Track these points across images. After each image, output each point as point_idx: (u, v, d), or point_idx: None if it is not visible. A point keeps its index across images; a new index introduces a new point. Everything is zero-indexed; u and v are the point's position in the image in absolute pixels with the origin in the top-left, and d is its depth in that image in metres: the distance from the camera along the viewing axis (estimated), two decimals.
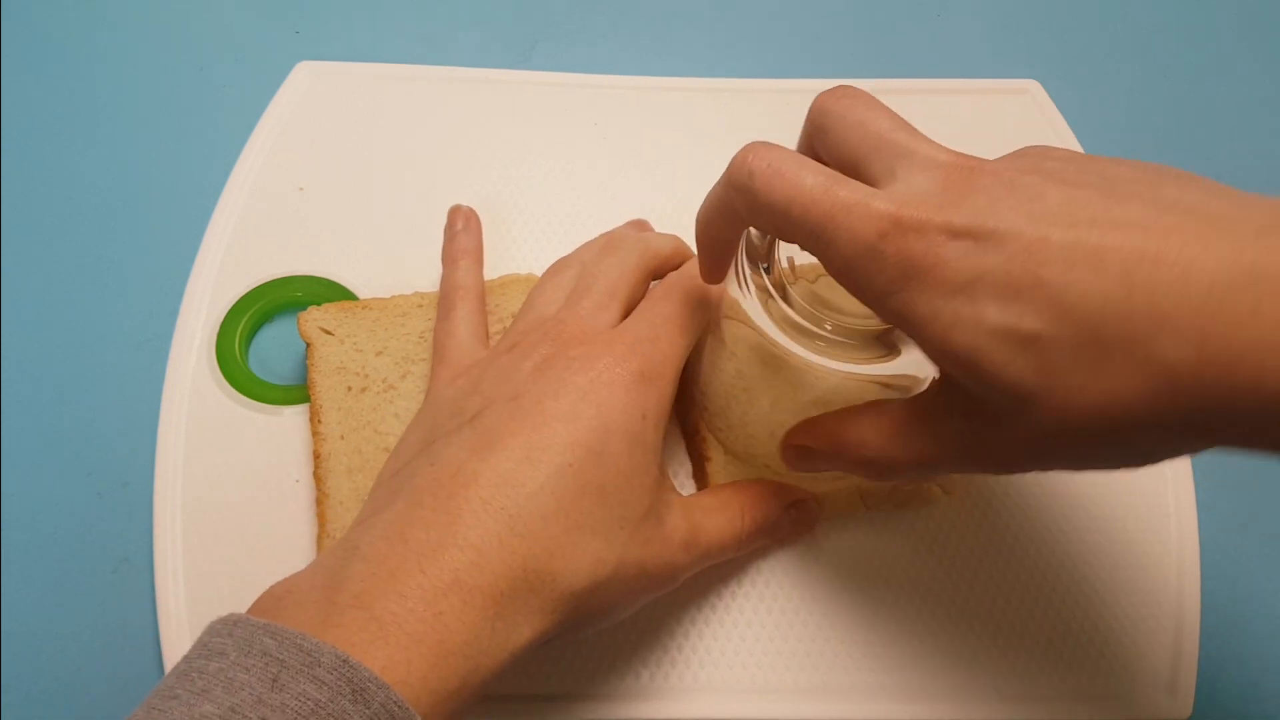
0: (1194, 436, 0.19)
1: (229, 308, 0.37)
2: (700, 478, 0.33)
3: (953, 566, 0.33)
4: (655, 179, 0.41)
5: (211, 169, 0.40)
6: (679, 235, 0.34)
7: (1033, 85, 0.46)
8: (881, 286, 0.21)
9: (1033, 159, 0.22)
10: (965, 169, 0.21)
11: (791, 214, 0.22)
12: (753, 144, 0.23)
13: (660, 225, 0.40)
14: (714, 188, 0.25)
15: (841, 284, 0.22)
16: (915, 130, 0.23)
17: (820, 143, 0.25)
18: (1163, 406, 0.18)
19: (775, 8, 0.49)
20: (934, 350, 0.21)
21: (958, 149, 0.23)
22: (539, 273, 0.38)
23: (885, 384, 0.25)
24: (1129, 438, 0.19)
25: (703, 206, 0.26)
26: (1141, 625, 0.32)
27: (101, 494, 0.34)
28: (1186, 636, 0.32)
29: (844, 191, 0.21)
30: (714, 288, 0.29)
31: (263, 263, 0.38)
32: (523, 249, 0.39)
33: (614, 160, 0.42)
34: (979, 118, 0.44)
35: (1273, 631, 0.33)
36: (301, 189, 0.40)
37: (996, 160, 0.22)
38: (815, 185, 0.22)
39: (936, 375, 0.25)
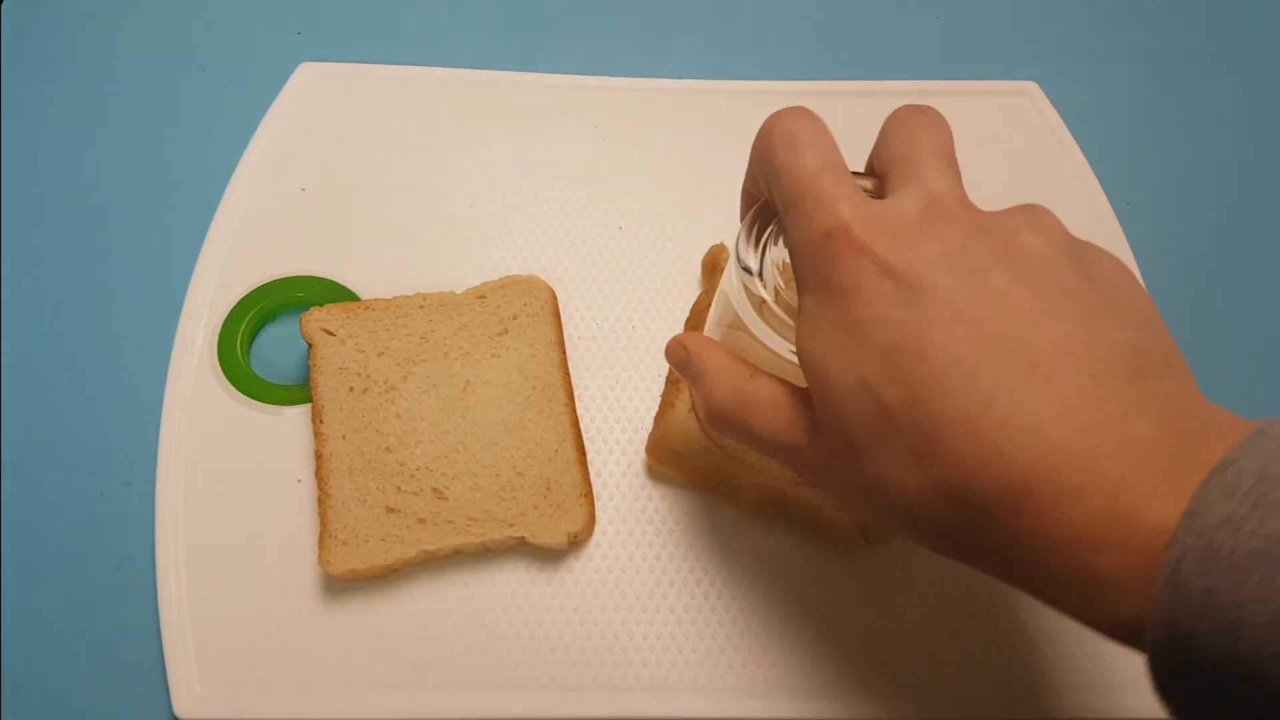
0: (1008, 569, 0.20)
1: (231, 308, 0.37)
2: (659, 421, 0.34)
3: (945, 563, 0.33)
4: (655, 180, 0.42)
5: (214, 169, 0.40)
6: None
7: (1031, 87, 0.46)
8: (808, 280, 0.22)
9: (1021, 226, 0.21)
10: (942, 210, 0.21)
11: (779, 181, 0.23)
12: (793, 107, 0.24)
13: (661, 227, 0.40)
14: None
15: (792, 263, 0.23)
16: (948, 157, 0.23)
17: (878, 150, 0.25)
18: (963, 529, 0.19)
19: (775, 10, 0.49)
20: (805, 360, 0.22)
21: (957, 150, 0.24)
22: (539, 273, 0.38)
23: None
24: (933, 533, 0.20)
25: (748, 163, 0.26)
26: None
27: (103, 493, 0.34)
28: None
29: (827, 181, 0.22)
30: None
31: (265, 263, 0.38)
32: (523, 249, 0.39)
33: (614, 161, 0.42)
34: (978, 119, 0.45)
35: None
36: (304, 189, 0.40)
37: (989, 214, 0.22)
38: (809, 165, 0.22)
39: None
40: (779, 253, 0.26)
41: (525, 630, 0.31)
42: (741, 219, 0.27)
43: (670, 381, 0.35)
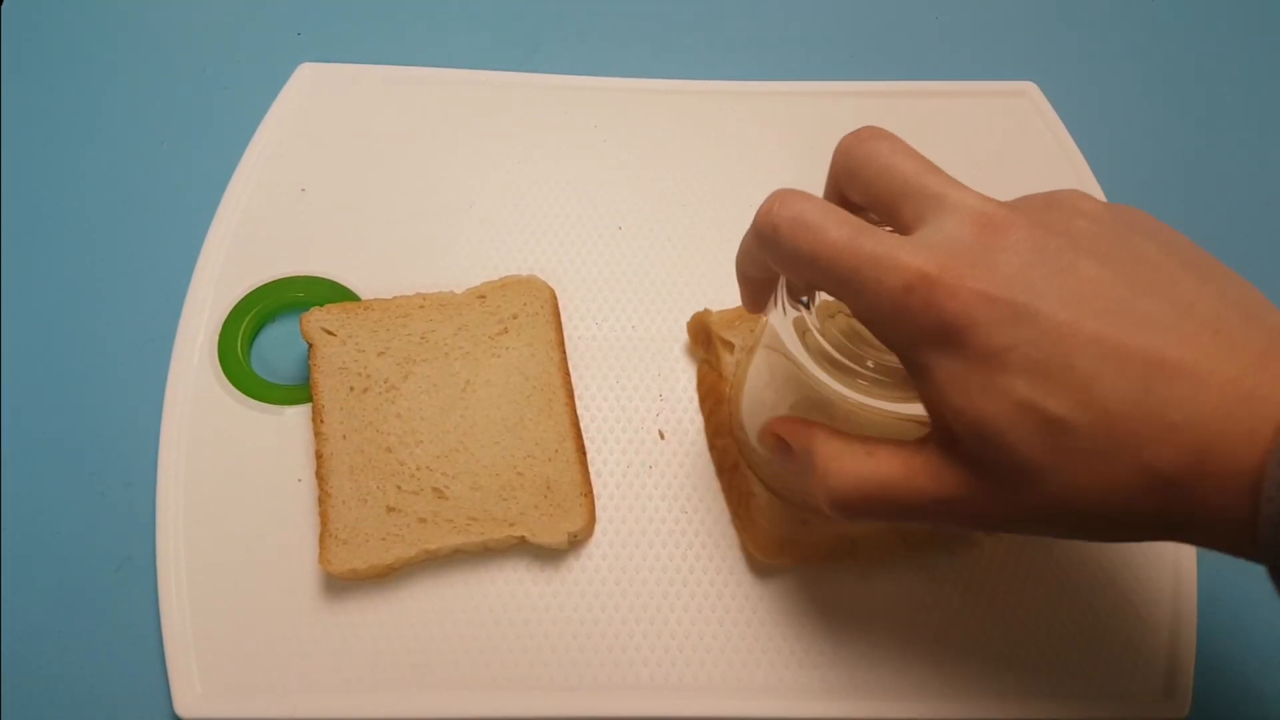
0: (1169, 531, 0.20)
1: (231, 308, 0.37)
2: (743, 516, 0.32)
3: (949, 568, 0.33)
4: (655, 181, 0.42)
5: (214, 170, 0.40)
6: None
7: (1030, 87, 0.46)
8: (909, 338, 0.21)
9: (1064, 214, 0.22)
10: (996, 222, 0.21)
11: (818, 266, 0.22)
12: (778, 193, 0.23)
13: (662, 228, 0.40)
14: (746, 233, 0.25)
15: (870, 331, 0.22)
16: (943, 173, 0.23)
17: (848, 186, 0.24)
18: (1153, 505, 0.20)
19: (775, 11, 0.49)
20: (949, 409, 0.21)
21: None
22: (539, 274, 0.38)
23: (923, 423, 0.24)
24: (1117, 523, 0.21)
25: (741, 248, 0.26)
26: (1139, 625, 0.32)
27: (104, 494, 0.34)
28: (1184, 637, 0.32)
29: (869, 243, 0.21)
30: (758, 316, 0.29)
31: (265, 263, 0.38)
32: (523, 249, 0.39)
33: (614, 162, 0.42)
34: (977, 119, 0.45)
35: (1270, 631, 0.33)
36: (304, 190, 0.40)
37: (1026, 210, 0.22)
38: (840, 238, 0.22)
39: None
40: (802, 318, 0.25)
41: (525, 630, 0.31)
42: (751, 301, 0.27)
43: (729, 469, 0.33)
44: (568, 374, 0.35)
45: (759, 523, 0.32)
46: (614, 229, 0.40)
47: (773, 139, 0.43)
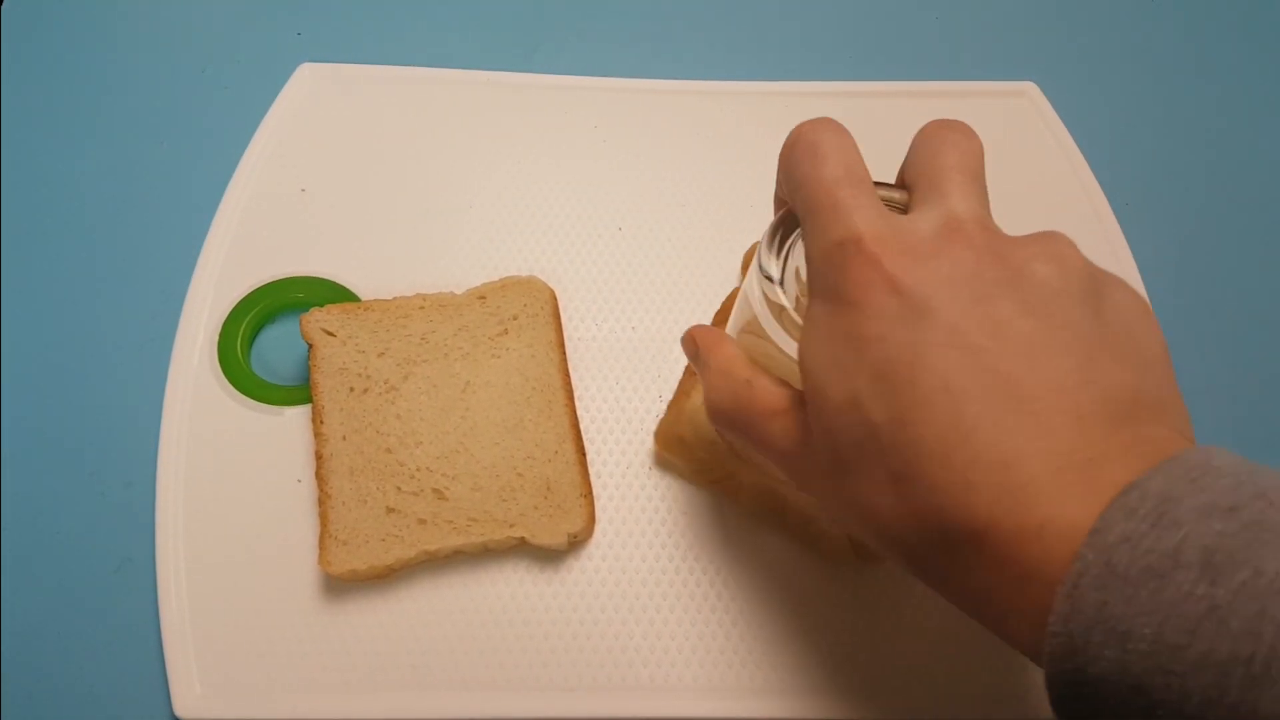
0: (964, 599, 0.20)
1: (231, 308, 0.37)
2: (673, 406, 0.34)
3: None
4: (655, 181, 0.42)
5: (214, 170, 0.40)
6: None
7: (1030, 87, 0.46)
8: (816, 287, 0.22)
9: (1038, 251, 0.21)
10: (959, 231, 0.21)
11: (798, 190, 0.23)
12: (818, 118, 0.24)
13: (662, 228, 0.40)
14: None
15: (808, 270, 0.23)
16: (974, 175, 0.23)
17: (907, 165, 0.25)
18: (942, 559, 0.19)
19: (775, 11, 0.49)
20: (805, 366, 0.22)
21: None
22: (539, 274, 0.38)
23: None
24: (916, 563, 0.21)
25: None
26: None
27: (104, 494, 0.34)
28: None
29: (845, 192, 0.22)
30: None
31: (265, 264, 0.38)
32: (523, 251, 0.39)
33: (614, 162, 0.42)
34: (977, 120, 0.44)
35: None
36: (304, 190, 0.40)
37: (996, 236, 0.22)
38: (829, 175, 0.22)
39: None
40: (801, 260, 0.25)
41: (525, 630, 0.31)
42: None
43: (688, 372, 0.35)
44: (568, 375, 0.35)
45: (674, 415, 0.34)
46: (614, 229, 0.40)
47: (773, 139, 0.43)
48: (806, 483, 0.23)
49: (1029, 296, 0.20)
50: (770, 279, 0.25)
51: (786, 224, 0.26)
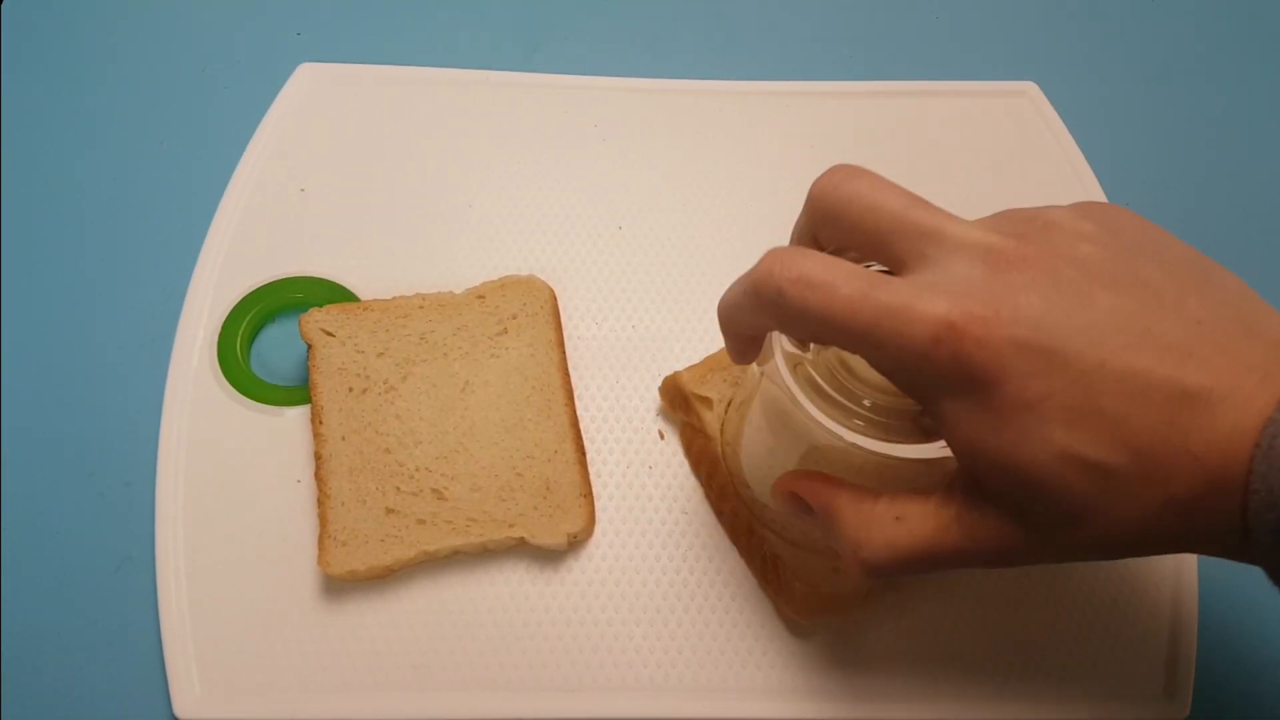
0: (1184, 547, 0.21)
1: (231, 308, 0.37)
2: (773, 580, 0.31)
3: (948, 572, 0.33)
4: (655, 181, 0.42)
5: (213, 170, 0.40)
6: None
7: (1030, 87, 0.46)
8: (936, 389, 0.21)
9: (1066, 238, 0.22)
10: (1006, 257, 0.21)
11: (831, 325, 0.21)
12: (775, 253, 0.22)
13: (662, 228, 0.40)
14: (736, 290, 0.24)
15: (892, 382, 0.22)
16: (930, 204, 0.22)
17: (827, 230, 0.24)
18: (1175, 528, 0.20)
19: (774, 11, 0.49)
20: (984, 460, 0.21)
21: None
22: (539, 273, 0.38)
23: (928, 464, 0.24)
24: (1141, 547, 0.21)
25: (725, 303, 0.25)
26: (1139, 625, 0.32)
27: (103, 494, 0.34)
28: (1184, 637, 0.32)
29: (884, 295, 0.21)
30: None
31: (264, 264, 0.38)
32: (523, 250, 0.39)
33: (614, 162, 0.42)
34: (978, 119, 0.44)
35: (1270, 632, 0.33)
36: (303, 190, 0.40)
37: (1026, 235, 0.22)
38: (853, 293, 0.21)
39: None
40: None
41: (525, 630, 0.31)
42: (739, 354, 0.26)
43: (739, 534, 0.32)
44: (567, 374, 0.35)
45: (793, 585, 0.30)
46: (614, 229, 0.40)
47: (773, 139, 0.43)
48: (1011, 559, 0.22)
49: (1102, 278, 0.21)
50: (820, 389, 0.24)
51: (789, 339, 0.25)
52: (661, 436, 0.35)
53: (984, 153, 0.43)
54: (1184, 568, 0.33)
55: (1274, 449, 0.18)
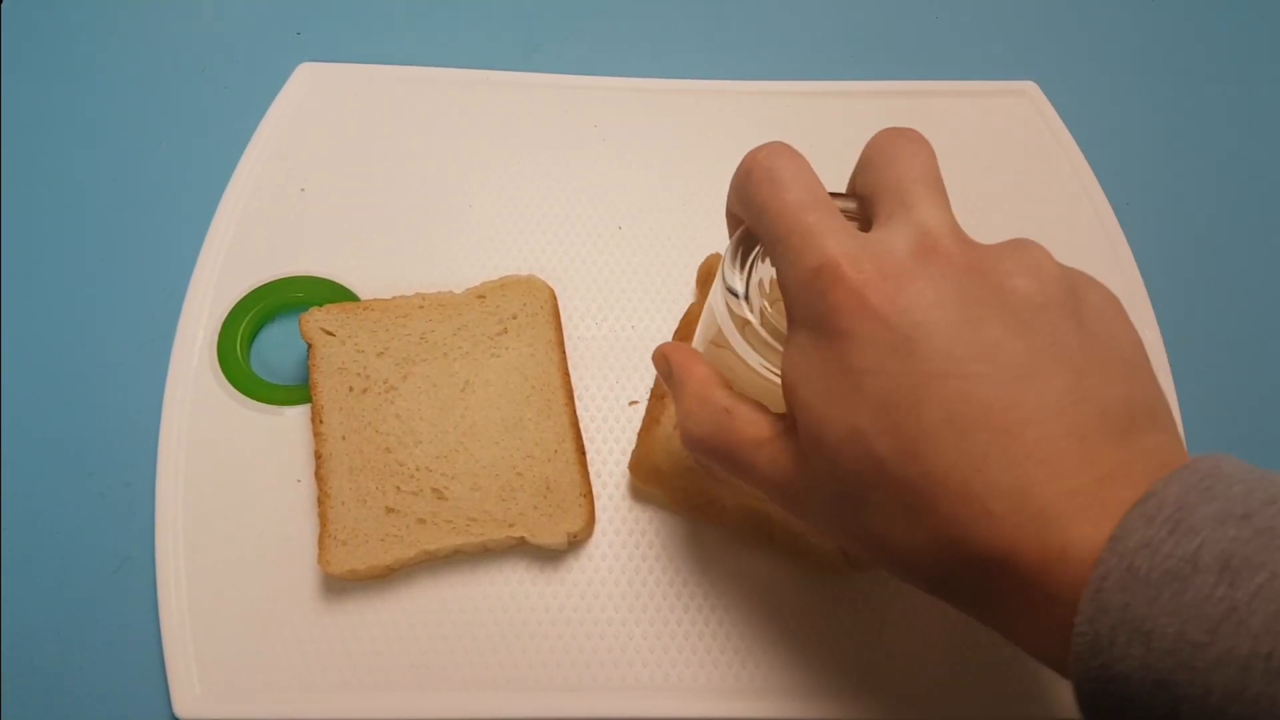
0: (987, 618, 0.21)
1: (231, 308, 0.37)
2: (644, 436, 0.33)
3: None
4: (655, 180, 0.42)
5: (213, 170, 0.40)
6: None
7: (1030, 87, 0.46)
8: (797, 314, 0.22)
9: (1015, 266, 0.21)
10: (937, 249, 0.21)
11: (762, 219, 0.23)
12: (770, 144, 0.23)
13: (661, 227, 0.40)
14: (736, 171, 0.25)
15: (782, 299, 0.23)
16: (936, 184, 0.23)
17: (859, 175, 0.24)
18: (964, 581, 0.20)
19: (774, 11, 0.49)
20: (796, 399, 0.22)
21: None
22: (539, 273, 0.38)
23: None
24: (932, 583, 0.21)
25: (729, 187, 0.26)
26: None
27: (103, 494, 0.34)
28: None
29: (812, 216, 0.21)
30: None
31: (264, 263, 0.38)
32: (523, 250, 0.39)
33: (614, 161, 0.42)
34: (977, 119, 0.45)
35: None
36: (303, 190, 0.40)
37: (979, 251, 0.22)
38: (792, 201, 0.22)
39: None
40: (766, 271, 0.25)
41: (525, 630, 0.31)
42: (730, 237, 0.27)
43: (655, 396, 0.35)
44: (567, 374, 0.35)
45: (646, 445, 0.33)
46: (614, 229, 0.40)
47: (772, 139, 0.43)
48: (801, 510, 0.23)
49: (1015, 315, 0.20)
50: (735, 294, 0.25)
51: (747, 240, 0.25)
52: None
53: (984, 153, 0.43)
54: None
55: (1102, 593, 0.17)
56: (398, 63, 0.45)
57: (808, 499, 0.22)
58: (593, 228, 0.40)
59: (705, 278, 0.37)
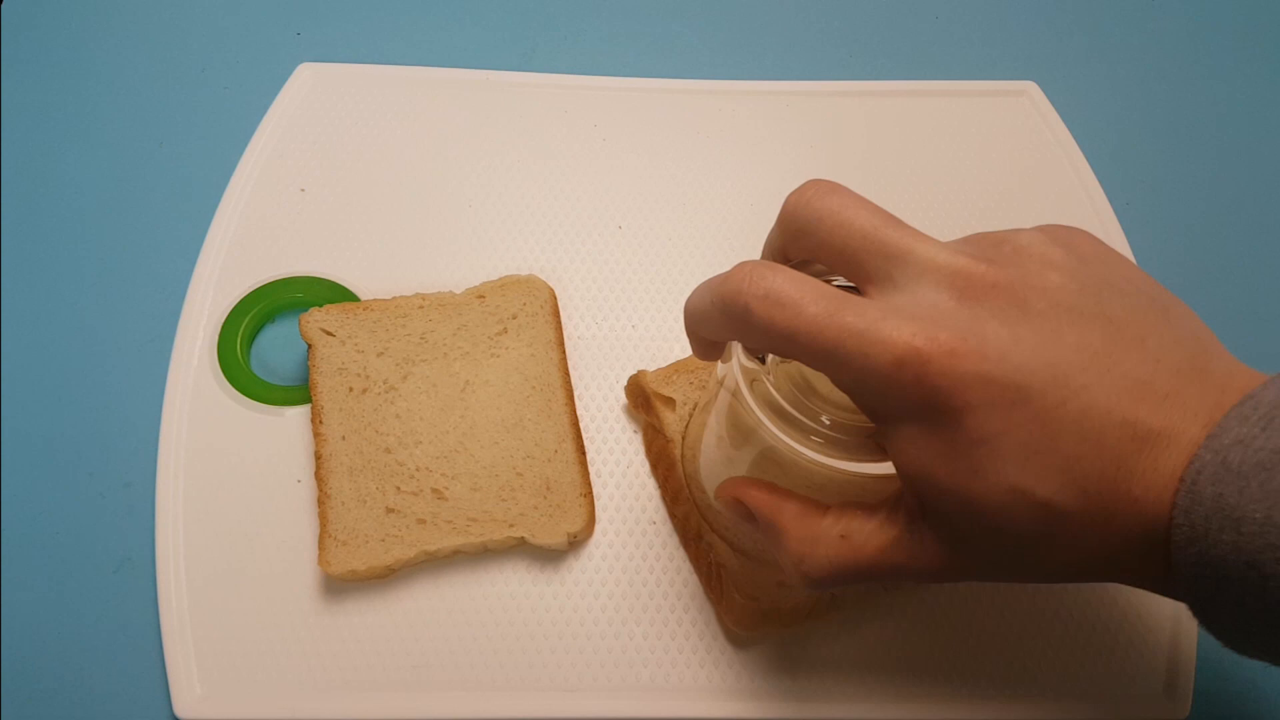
0: (1118, 578, 0.22)
1: (231, 308, 0.37)
2: (716, 588, 0.31)
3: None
4: (655, 180, 0.42)
5: (214, 170, 0.40)
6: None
7: (1030, 87, 0.46)
8: (895, 411, 0.21)
9: (1035, 266, 0.22)
10: (975, 284, 0.21)
11: (796, 343, 0.21)
12: (744, 267, 0.22)
13: (661, 227, 0.40)
14: (704, 298, 0.23)
15: (853, 400, 0.22)
16: (901, 223, 0.22)
17: (796, 244, 0.24)
18: (1110, 563, 0.21)
19: (774, 10, 0.49)
20: (933, 487, 0.21)
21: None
22: (539, 273, 0.38)
23: (881, 480, 0.24)
24: (1078, 576, 0.22)
25: (691, 308, 0.25)
26: (1139, 625, 0.32)
27: (103, 494, 0.34)
28: (1184, 637, 0.32)
29: (851, 317, 0.21)
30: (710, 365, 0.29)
31: (264, 264, 0.38)
32: (523, 249, 0.39)
33: (614, 161, 0.42)
34: (977, 119, 0.44)
35: None
36: (303, 190, 0.40)
37: (996, 260, 0.22)
38: (819, 313, 0.21)
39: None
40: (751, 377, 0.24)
41: (525, 630, 0.31)
42: (703, 354, 0.26)
43: (689, 539, 0.32)
44: (567, 374, 0.35)
45: (734, 596, 0.30)
46: (614, 229, 0.40)
47: (773, 139, 0.43)
48: (962, 579, 0.23)
49: (1070, 311, 0.21)
50: (785, 411, 0.24)
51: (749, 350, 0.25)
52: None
53: (984, 153, 0.43)
54: None
55: (1196, 485, 0.19)
56: (398, 63, 0.45)
57: (971, 571, 0.22)
58: (593, 228, 0.40)
59: (635, 399, 0.35)
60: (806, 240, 0.23)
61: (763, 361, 0.24)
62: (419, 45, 0.47)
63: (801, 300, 0.21)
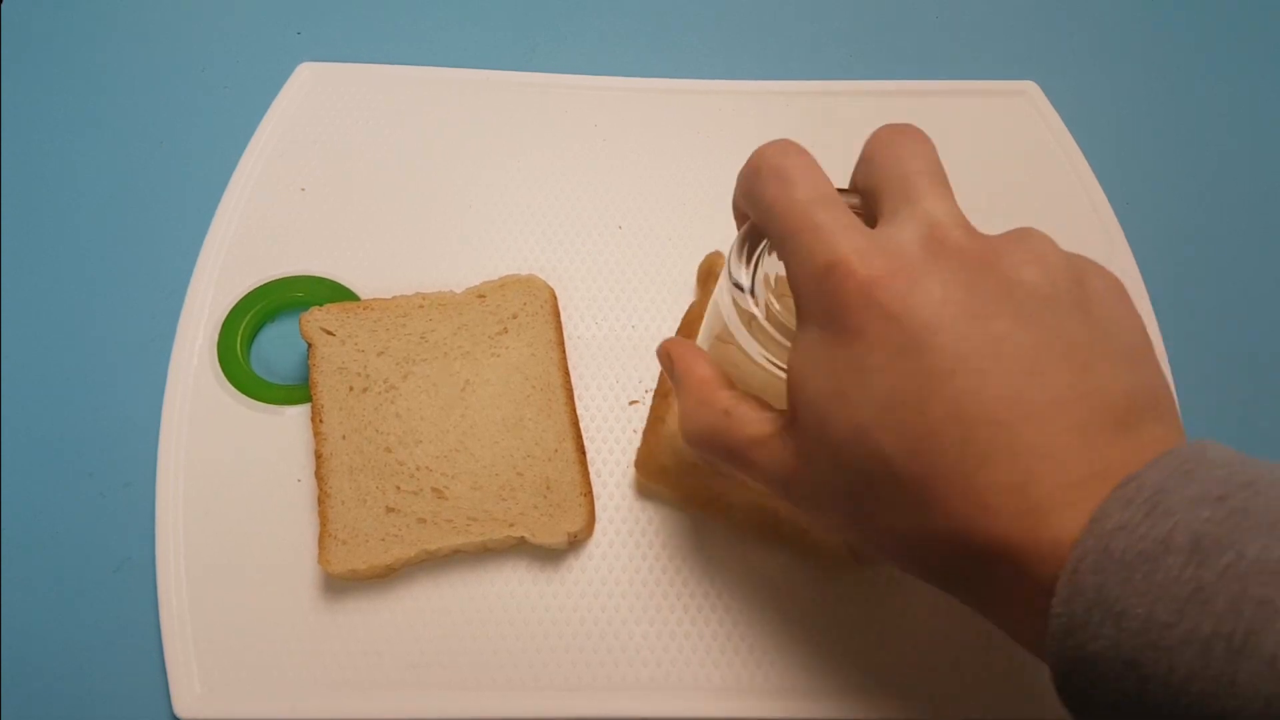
0: (979, 607, 0.21)
1: (231, 308, 0.37)
2: (648, 435, 0.33)
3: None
4: (655, 180, 0.42)
5: (213, 169, 0.40)
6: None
7: (1030, 86, 0.46)
8: (807, 311, 0.22)
9: (1021, 257, 0.21)
10: (944, 243, 0.21)
11: (770, 217, 0.23)
12: (778, 141, 0.24)
13: (661, 227, 0.40)
14: (747, 163, 0.25)
15: (793, 297, 0.23)
16: (941, 177, 0.23)
17: (859, 171, 0.25)
18: (959, 571, 0.20)
19: (774, 10, 0.49)
20: (803, 395, 0.22)
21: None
22: (539, 273, 0.38)
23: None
24: (926, 571, 0.22)
25: (736, 183, 0.26)
26: None
27: (103, 494, 0.34)
28: None
29: (821, 214, 0.22)
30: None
31: (264, 263, 0.38)
32: (523, 249, 0.39)
33: (614, 161, 0.42)
34: (978, 119, 0.45)
35: None
36: (303, 189, 0.40)
37: (985, 240, 0.22)
38: (801, 198, 0.22)
39: None
40: (772, 266, 0.25)
41: (525, 630, 0.31)
42: (738, 221, 0.27)
43: (660, 394, 0.35)
44: (567, 374, 0.35)
45: (652, 443, 0.33)
46: (614, 229, 0.40)
47: (773, 139, 0.43)
48: (804, 504, 0.23)
49: (1022, 308, 0.20)
50: (741, 288, 0.25)
51: (753, 236, 0.26)
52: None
53: (984, 153, 0.43)
54: None
55: (1078, 574, 0.18)
56: (398, 63, 0.45)
57: (811, 493, 0.23)
58: (593, 228, 0.40)
59: (706, 276, 0.37)
60: (864, 167, 0.24)
61: (755, 260, 0.25)
62: (419, 45, 0.47)
63: (797, 181, 0.22)
